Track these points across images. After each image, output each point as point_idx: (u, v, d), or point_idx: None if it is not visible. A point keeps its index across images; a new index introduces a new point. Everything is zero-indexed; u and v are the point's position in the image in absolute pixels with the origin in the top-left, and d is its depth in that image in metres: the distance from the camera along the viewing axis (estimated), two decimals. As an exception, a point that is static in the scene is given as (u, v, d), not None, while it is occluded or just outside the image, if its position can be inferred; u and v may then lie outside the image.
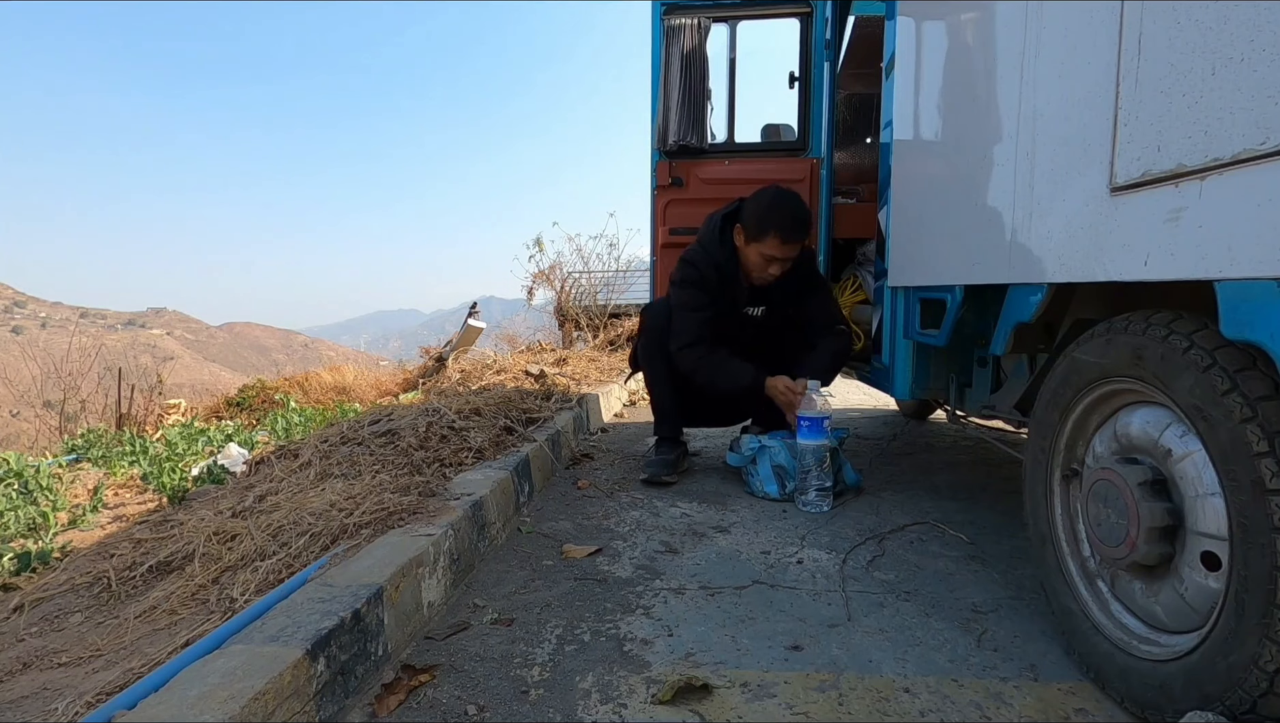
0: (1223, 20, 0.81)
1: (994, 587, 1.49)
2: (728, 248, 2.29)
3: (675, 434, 2.50)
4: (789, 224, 2.16)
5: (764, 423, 2.53)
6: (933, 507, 2.05)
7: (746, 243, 2.24)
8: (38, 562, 1.71)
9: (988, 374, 1.87)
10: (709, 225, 2.35)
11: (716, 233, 2.30)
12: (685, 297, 2.32)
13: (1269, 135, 0.75)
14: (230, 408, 6.11)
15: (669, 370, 2.39)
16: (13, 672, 1.17)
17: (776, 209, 2.17)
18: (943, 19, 1.73)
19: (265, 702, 0.88)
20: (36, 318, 79.77)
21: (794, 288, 2.35)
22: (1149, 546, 0.98)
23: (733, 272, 2.30)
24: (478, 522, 1.67)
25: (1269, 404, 0.81)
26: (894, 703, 1.07)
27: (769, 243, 2.18)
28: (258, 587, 1.29)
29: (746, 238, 2.23)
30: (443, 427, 2.30)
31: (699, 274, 2.30)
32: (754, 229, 2.20)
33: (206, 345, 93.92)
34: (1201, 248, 0.85)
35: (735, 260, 2.30)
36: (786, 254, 2.20)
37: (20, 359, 8.71)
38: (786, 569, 1.60)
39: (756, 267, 2.24)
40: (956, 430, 3.19)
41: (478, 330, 7.34)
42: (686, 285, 2.32)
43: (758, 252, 2.21)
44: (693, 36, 3.23)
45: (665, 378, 2.43)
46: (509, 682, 1.14)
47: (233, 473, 2.39)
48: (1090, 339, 1.12)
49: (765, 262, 2.21)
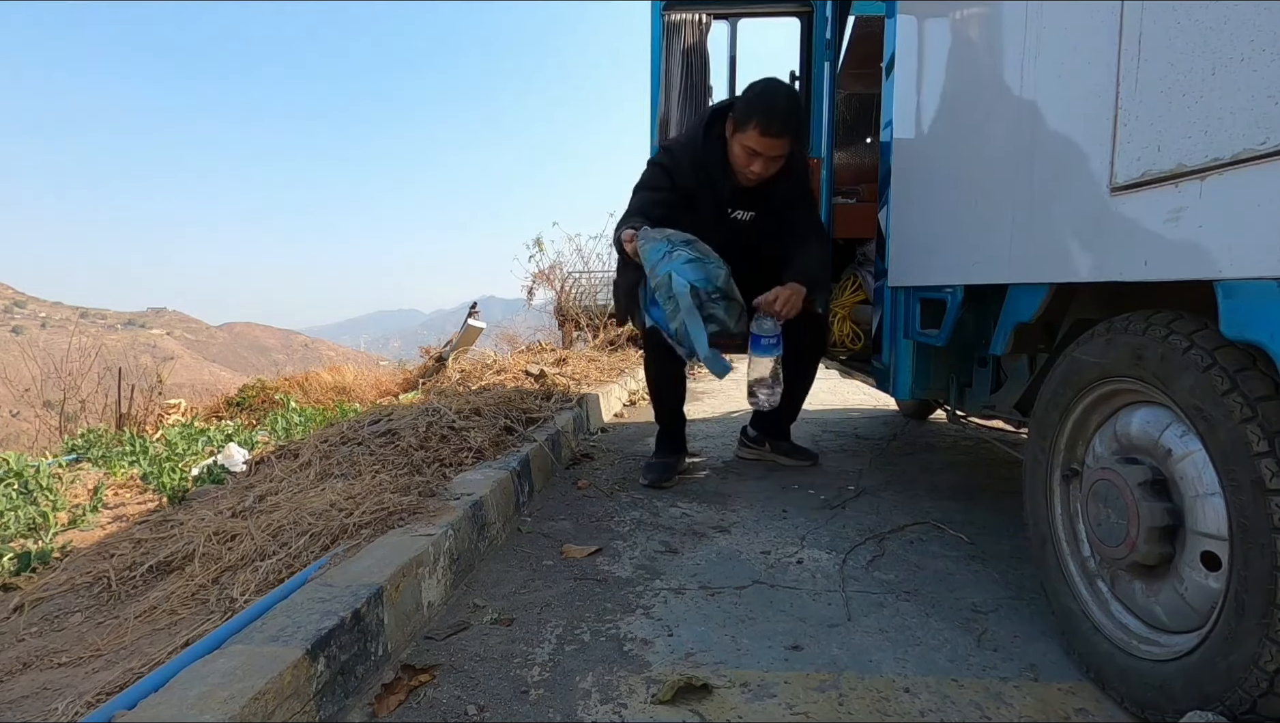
0: (1223, 20, 0.81)
1: (994, 587, 1.49)
2: (713, 139, 2.19)
3: (676, 436, 2.49)
4: (769, 115, 2.04)
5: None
6: (933, 507, 2.05)
7: (732, 133, 2.13)
8: (38, 562, 1.71)
9: (988, 374, 1.87)
10: (700, 114, 2.26)
11: (703, 123, 2.21)
12: (644, 176, 2.25)
13: (1269, 135, 0.75)
14: (230, 408, 6.11)
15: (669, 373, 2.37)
16: (13, 672, 1.17)
17: (761, 99, 2.07)
18: (943, 19, 1.73)
19: (265, 702, 0.88)
20: (36, 318, 79.77)
21: (784, 196, 2.26)
22: (1149, 546, 0.98)
23: (715, 165, 2.19)
24: (478, 522, 1.67)
25: (1269, 404, 0.81)
26: (894, 703, 1.08)
27: (749, 134, 2.07)
28: (258, 587, 1.29)
29: (733, 127, 2.13)
30: (443, 427, 2.30)
31: (669, 157, 2.22)
32: (738, 118, 2.10)
33: (206, 345, 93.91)
34: (1201, 248, 0.85)
35: (721, 154, 2.19)
36: (767, 150, 2.09)
37: (20, 359, 8.72)
38: (786, 569, 1.60)
39: (739, 160, 2.14)
40: (956, 430, 3.19)
41: (478, 330, 7.34)
42: (650, 165, 2.25)
43: (740, 143, 2.11)
44: (693, 33, 3.23)
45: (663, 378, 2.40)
46: (509, 682, 1.14)
47: (233, 473, 2.39)
48: (1090, 339, 1.12)
49: (747, 155, 2.11)
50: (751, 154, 2.11)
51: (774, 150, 2.10)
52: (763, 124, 2.04)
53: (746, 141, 2.09)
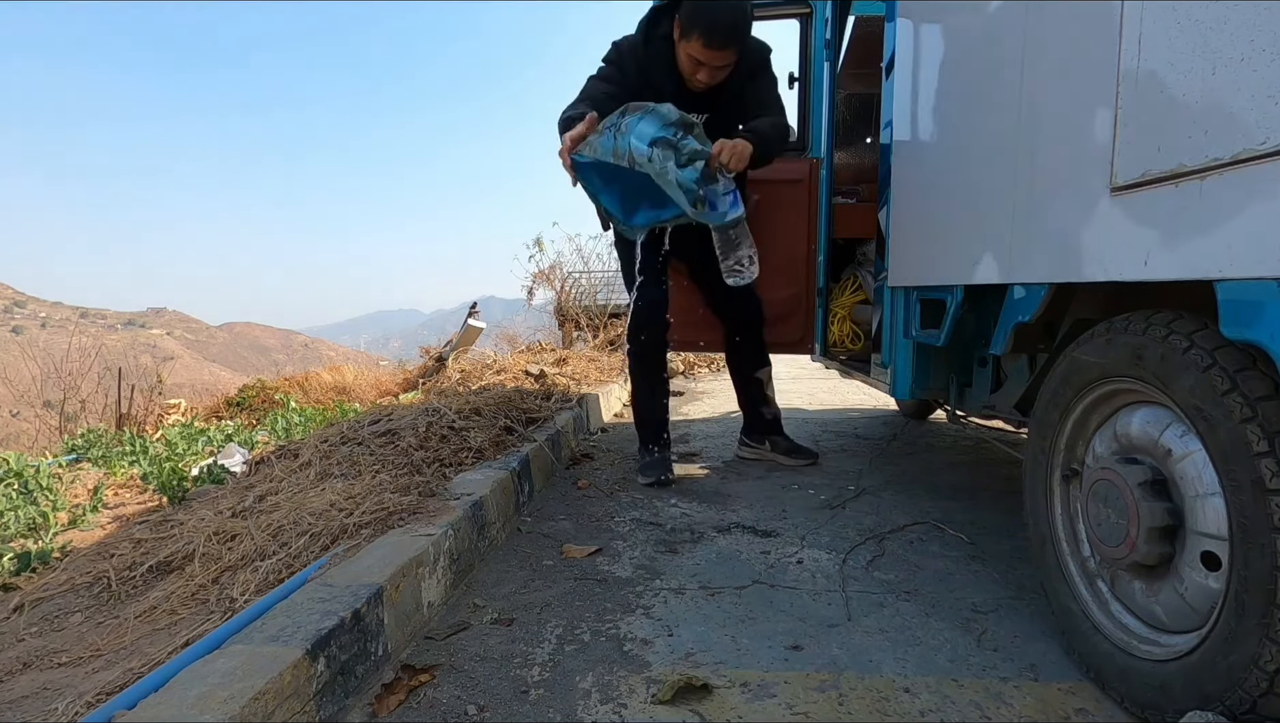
0: (1223, 20, 0.81)
1: (994, 587, 1.49)
2: (657, 38, 2.11)
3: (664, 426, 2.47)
4: (712, 30, 1.97)
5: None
6: (933, 507, 2.05)
7: (679, 39, 2.06)
8: (38, 562, 1.71)
9: (988, 374, 1.87)
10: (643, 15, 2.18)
11: (644, 23, 2.13)
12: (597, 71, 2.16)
13: (1269, 135, 0.75)
14: (230, 408, 6.10)
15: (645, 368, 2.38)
16: (13, 672, 1.17)
17: (704, 10, 1.98)
18: (942, 19, 1.73)
19: (265, 702, 0.88)
20: (36, 318, 79.79)
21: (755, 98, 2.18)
22: (1149, 545, 0.98)
23: (661, 67, 2.11)
24: (478, 522, 1.67)
25: (1269, 404, 0.81)
26: (894, 703, 1.08)
27: (693, 44, 2.00)
28: (258, 587, 1.29)
29: (680, 33, 2.05)
30: (443, 427, 2.30)
31: (615, 54, 2.14)
32: (683, 25, 2.02)
33: (206, 345, 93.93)
34: (1201, 248, 0.85)
35: (668, 55, 2.11)
36: (711, 60, 2.02)
37: (20, 359, 8.71)
38: (786, 569, 1.60)
39: (686, 67, 2.07)
40: (956, 430, 3.19)
41: (478, 330, 7.34)
42: (603, 62, 2.16)
43: (685, 51, 2.04)
44: None
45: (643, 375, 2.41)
46: (509, 682, 1.14)
47: (233, 473, 2.39)
48: (1090, 339, 1.12)
49: (693, 65, 2.05)
50: (696, 63, 2.05)
51: (719, 61, 2.04)
52: (705, 37, 1.98)
53: (690, 51, 2.03)
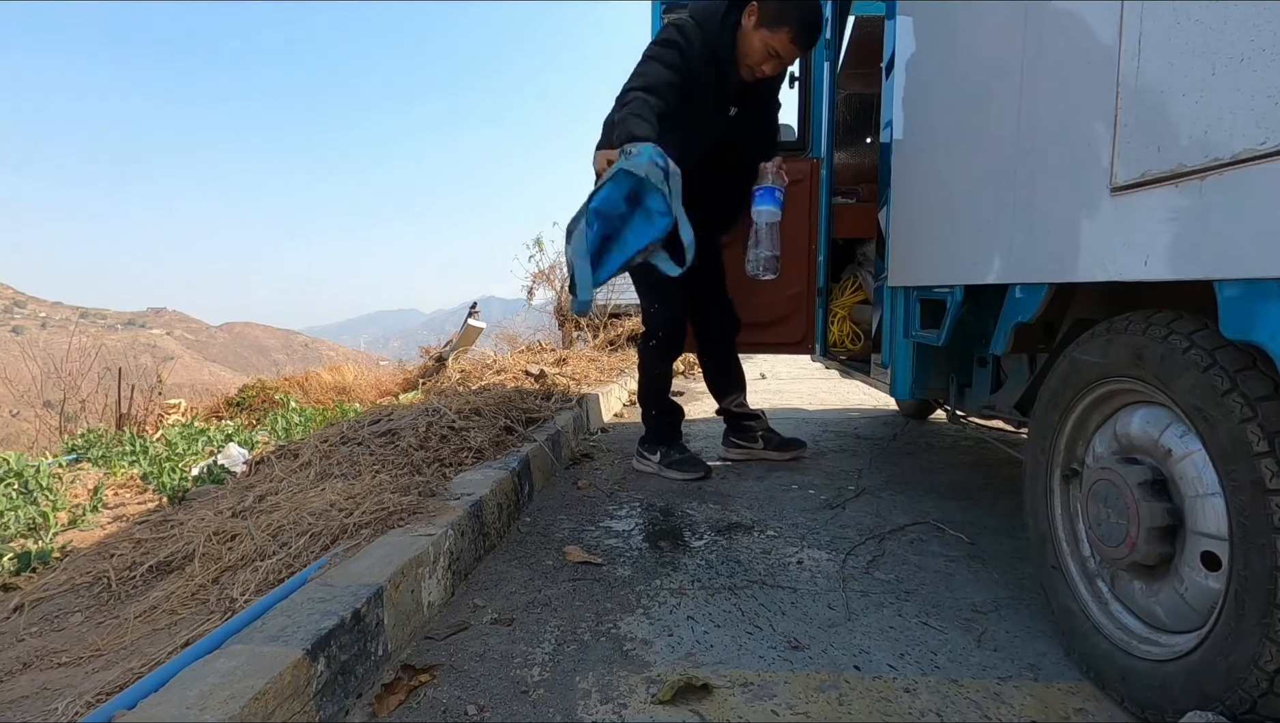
0: (1223, 20, 0.81)
1: (994, 587, 1.49)
2: (728, 25, 2.09)
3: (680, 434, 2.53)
4: (808, 28, 2.02)
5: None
6: (933, 507, 2.05)
7: (756, 26, 2.05)
8: (38, 562, 1.71)
9: (988, 374, 1.87)
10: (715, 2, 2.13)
11: (720, 11, 2.09)
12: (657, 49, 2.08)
13: (1269, 135, 0.75)
14: (230, 408, 6.10)
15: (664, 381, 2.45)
16: (13, 672, 1.17)
17: (800, 7, 2.01)
18: (942, 19, 1.73)
19: (265, 702, 0.88)
20: (36, 318, 79.81)
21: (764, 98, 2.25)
22: (1149, 545, 0.98)
23: (725, 57, 2.10)
24: (478, 522, 1.67)
25: (1269, 404, 0.81)
26: (894, 703, 1.08)
27: (779, 36, 2.02)
28: (258, 587, 1.29)
29: (759, 20, 2.04)
30: (443, 427, 2.30)
31: (681, 36, 2.07)
32: (771, 16, 2.02)
33: (206, 345, 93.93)
34: (1201, 248, 0.85)
35: (730, 42, 2.08)
36: (789, 56, 2.06)
37: (20, 359, 8.71)
38: (786, 569, 1.60)
39: (755, 56, 2.07)
40: (956, 430, 3.19)
41: (478, 330, 7.33)
42: (667, 45, 2.07)
43: (764, 40, 2.04)
44: None
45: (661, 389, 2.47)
46: (509, 682, 1.14)
47: (233, 473, 2.39)
48: (1090, 339, 1.12)
49: (766, 55, 2.05)
50: (771, 55, 2.06)
51: (792, 59, 2.09)
52: (796, 33, 2.03)
53: (772, 42, 2.04)
